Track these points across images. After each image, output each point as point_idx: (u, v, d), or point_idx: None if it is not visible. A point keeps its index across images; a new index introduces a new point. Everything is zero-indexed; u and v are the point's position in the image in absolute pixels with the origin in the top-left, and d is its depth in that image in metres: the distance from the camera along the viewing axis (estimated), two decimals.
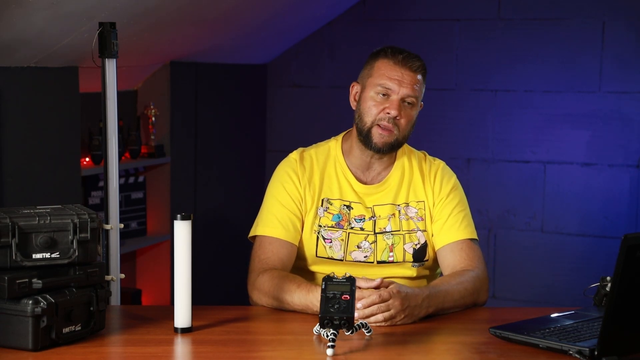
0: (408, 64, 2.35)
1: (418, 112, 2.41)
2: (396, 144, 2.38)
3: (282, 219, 2.38)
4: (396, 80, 2.34)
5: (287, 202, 2.40)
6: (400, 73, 2.34)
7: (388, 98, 2.35)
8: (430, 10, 4.64)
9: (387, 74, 2.35)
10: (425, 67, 2.40)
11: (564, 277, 4.47)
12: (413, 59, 2.36)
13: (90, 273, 1.95)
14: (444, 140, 4.56)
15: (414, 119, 2.39)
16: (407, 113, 2.36)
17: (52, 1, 2.82)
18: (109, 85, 2.74)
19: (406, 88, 2.34)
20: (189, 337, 2.00)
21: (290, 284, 2.22)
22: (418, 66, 2.36)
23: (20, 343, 1.85)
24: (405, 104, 2.35)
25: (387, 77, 2.35)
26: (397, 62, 2.35)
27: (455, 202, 2.43)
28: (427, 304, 2.14)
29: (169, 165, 4.23)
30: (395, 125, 2.35)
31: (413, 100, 2.36)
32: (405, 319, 2.09)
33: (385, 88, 2.35)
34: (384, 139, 2.36)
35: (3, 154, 3.17)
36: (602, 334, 1.78)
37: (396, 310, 2.06)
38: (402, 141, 2.39)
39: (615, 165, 4.38)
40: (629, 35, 4.31)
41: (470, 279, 2.28)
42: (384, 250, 2.38)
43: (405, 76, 2.34)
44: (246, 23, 4.14)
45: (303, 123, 4.88)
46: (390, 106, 2.34)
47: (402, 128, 2.36)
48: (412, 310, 2.10)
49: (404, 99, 2.35)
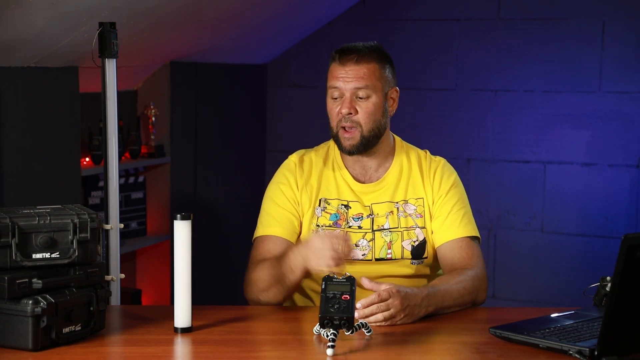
0: (348, 58, 2.34)
1: (383, 100, 2.37)
2: (365, 141, 2.36)
3: (278, 217, 2.39)
4: (340, 79, 2.35)
5: (284, 203, 2.41)
6: (344, 70, 2.34)
7: (341, 99, 2.36)
8: (430, 10, 4.64)
9: (334, 76, 2.36)
10: (375, 54, 2.36)
11: (564, 277, 4.46)
12: (353, 52, 2.34)
13: (90, 273, 1.95)
14: (444, 140, 4.56)
15: (374, 110, 2.35)
16: (363, 106, 2.35)
17: (52, 1, 2.82)
18: (109, 85, 2.74)
19: (352, 82, 2.33)
20: (189, 337, 2.00)
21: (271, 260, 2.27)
22: (359, 57, 2.34)
23: (20, 343, 1.85)
24: (358, 99, 2.35)
25: (335, 78, 2.36)
26: (340, 61, 2.36)
27: (455, 199, 2.42)
28: (426, 303, 2.14)
29: (169, 165, 4.23)
30: (353, 122, 2.34)
31: (365, 92, 2.34)
32: (405, 318, 2.09)
33: (335, 89, 2.36)
34: (349, 141, 2.36)
35: (3, 154, 3.17)
36: (602, 334, 1.78)
37: (396, 309, 2.06)
38: (370, 135, 2.36)
39: (615, 165, 4.38)
40: (629, 35, 4.31)
41: (469, 278, 2.28)
42: (382, 247, 2.38)
43: (349, 71, 2.34)
44: (246, 23, 4.14)
45: (303, 123, 4.88)
46: (342, 106, 2.35)
47: (363, 122, 2.35)
48: (412, 310, 2.10)
49: (354, 94, 2.34)
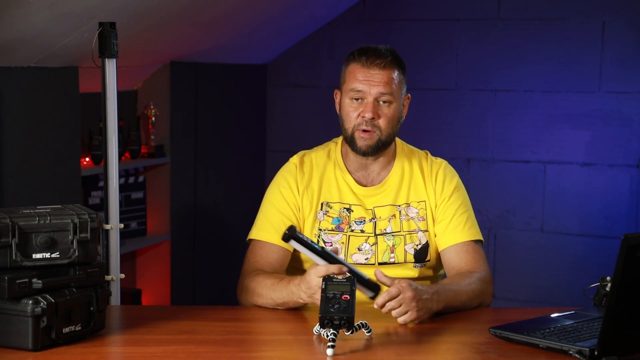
0: (375, 63, 2.33)
1: (400, 106, 2.38)
2: (381, 144, 2.36)
3: (276, 223, 2.38)
4: (366, 82, 2.33)
5: (283, 208, 2.40)
6: (369, 74, 2.33)
7: (363, 101, 2.34)
8: (430, 10, 4.64)
9: (357, 78, 2.34)
10: (397, 60, 2.36)
11: (564, 277, 4.46)
12: (379, 57, 2.34)
13: (90, 273, 1.95)
14: (444, 140, 4.56)
15: (394, 116, 2.36)
16: (385, 112, 2.34)
17: (52, 1, 2.82)
18: (109, 85, 2.74)
19: (377, 87, 2.33)
20: (189, 337, 2.00)
21: (271, 279, 2.23)
22: (386, 63, 2.34)
23: (20, 343, 1.85)
24: (381, 104, 2.34)
25: (358, 80, 2.34)
26: (364, 63, 2.34)
27: (458, 203, 2.42)
28: (437, 298, 2.12)
29: (169, 165, 4.23)
30: (374, 126, 2.34)
31: (388, 98, 2.34)
32: (419, 313, 2.07)
33: (358, 92, 2.34)
34: (366, 142, 2.35)
35: (3, 154, 3.17)
36: (602, 334, 1.78)
37: (408, 304, 2.05)
38: (386, 140, 2.37)
39: (615, 165, 4.38)
40: (629, 35, 4.31)
41: (477, 281, 2.28)
42: (385, 251, 2.37)
43: (375, 75, 2.33)
44: (246, 23, 4.14)
45: (303, 123, 4.88)
46: (364, 109, 2.33)
47: (383, 128, 2.34)
48: (425, 304, 2.08)
49: (377, 98, 2.33)
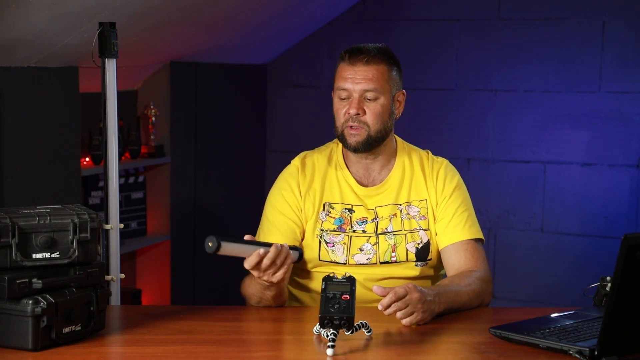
0: (358, 58, 2.35)
1: (391, 101, 2.38)
2: (371, 140, 2.36)
3: (280, 226, 2.39)
4: (350, 80, 2.34)
5: (286, 211, 2.40)
6: (354, 71, 2.35)
7: (349, 99, 2.36)
8: (430, 10, 4.64)
9: (342, 76, 2.36)
10: (384, 55, 2.37)
11: (564, 277, 4.46)
12: (362, 53, 2.35)
13: (90, 273, 1.95)
14: (444, 140, 4.56)
15: (382, 111, 2.36)
16: (372, 107, 2.35)
17: (52, 1, 2.82)
18: (109, 85, 2.74)
19: (361, 84, 2.34)
20: (189, 337, 2.00)
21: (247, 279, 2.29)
22: (369, 58, 2.34)
23: (20, 343, 1.85)
24: (367, 99, 2.35)
25: (343, 79, 2.36)
26: (349, 61, 2.36)
27: (459, 201, 2.42)
28: (438, 300, 2.13)
29: (169, 165, 4.23)
30: (361, 122, 2.35)
31: (374, 94, 2.34)
32: (423, 314, 2.07)
33: (343, 90, 2.35)
34: (355, 138, 2.36)
35: (3, 154, 3.16)
36: (602, 334, 1.78)
37: (414, 305, 2.05)
38: (377, 136, 2.37)
39: (615, 165, 4.38)
40: (629, 35, 4.31)
41: (477, 281, 2.28)
42: (387, 251, 2.37)
43: (358, 72, 2.34)
44: (246, 23, 4.14)
45: (303, 123, 4.88)
46: (350, 106, 2.35)
47: (371, 123, 2.35)
48: (429, 305, 2.09)
49: (362, 95, 2.34)
